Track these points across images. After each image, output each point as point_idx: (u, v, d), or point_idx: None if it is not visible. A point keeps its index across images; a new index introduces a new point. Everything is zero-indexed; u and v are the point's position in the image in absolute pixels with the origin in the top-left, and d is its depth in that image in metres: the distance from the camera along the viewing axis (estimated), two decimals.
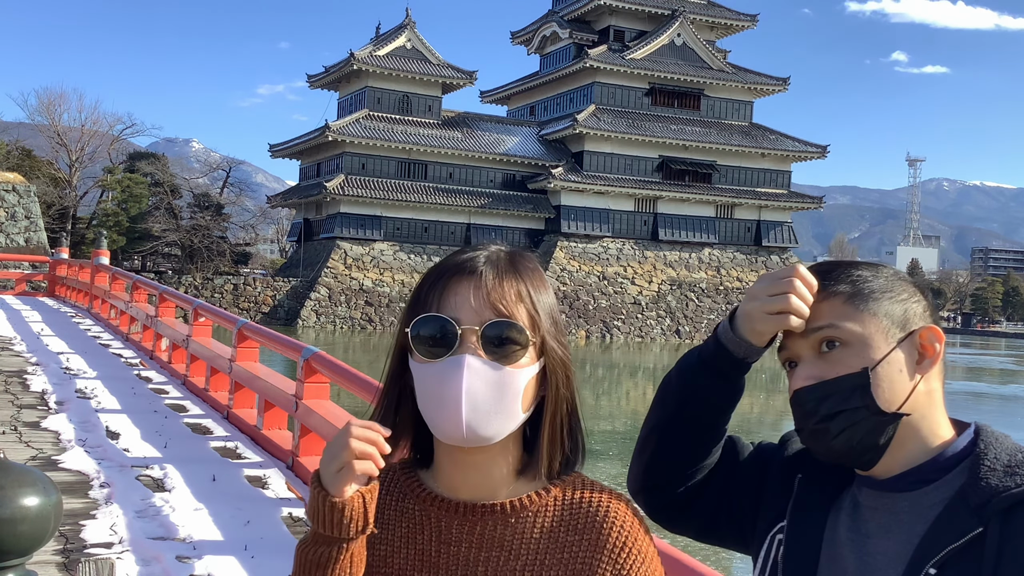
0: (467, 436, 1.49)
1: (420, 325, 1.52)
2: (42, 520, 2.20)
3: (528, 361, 1.52)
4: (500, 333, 1.49)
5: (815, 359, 1.60)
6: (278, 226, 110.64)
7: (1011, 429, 1.63)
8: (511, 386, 1.50)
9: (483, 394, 1.48)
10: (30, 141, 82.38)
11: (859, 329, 1.58)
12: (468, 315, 1.50)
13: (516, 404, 1.50)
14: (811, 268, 1.69)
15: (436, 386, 1.49)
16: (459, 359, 1.48)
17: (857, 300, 1.60)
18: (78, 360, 14.94)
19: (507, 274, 1.55)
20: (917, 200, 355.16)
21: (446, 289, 1.53)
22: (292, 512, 7.44)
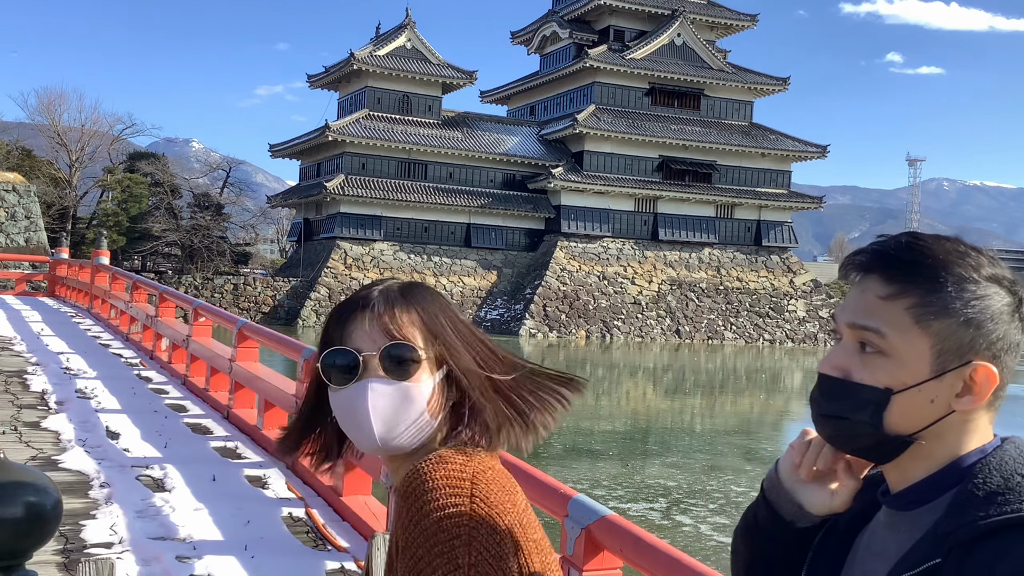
0: (384, 448, 1.71)
1: (328, 358, 1.73)
2: (42, 520, 2.20)
3: (428, 372, 1.72)
4: (396, 354, 1.70)
5: (850, 349, 1.47)
6: (278, 226, 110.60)
7: (1011, 429, 1.61)
8: (415, 399, 1.70)
9: (389, 410, 1.69)
10: (30, 141, 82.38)
11: (906, 347, 1.42)
12: (367, 343, 1.70)
13: (422, 413, 1.71)
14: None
15: (348, 410, 1.71)
16: (364, 384, 1.69)
17: (922, 312, 1.41)
18: (78, 360, 14.93)
19: (398, 303, 1.74)
20: (917, 200, 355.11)
21: (347, 323, 1.73)
22: (292, 512, 7.44)
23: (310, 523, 7.23)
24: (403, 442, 1.72)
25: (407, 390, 1.70)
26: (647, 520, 18.56)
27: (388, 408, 1.69)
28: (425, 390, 1.71)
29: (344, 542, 6.80)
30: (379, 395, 1.69)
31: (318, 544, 6.77)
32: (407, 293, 1.77)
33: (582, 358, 59.87)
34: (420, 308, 1.75)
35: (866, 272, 1.48)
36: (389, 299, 1.74)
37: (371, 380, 1.69)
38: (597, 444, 27.20)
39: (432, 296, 1.79)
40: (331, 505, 7.67)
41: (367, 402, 1.68)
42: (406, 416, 1.70)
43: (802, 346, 78.25)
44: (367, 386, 1.69)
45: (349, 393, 1.70)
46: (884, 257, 1.46)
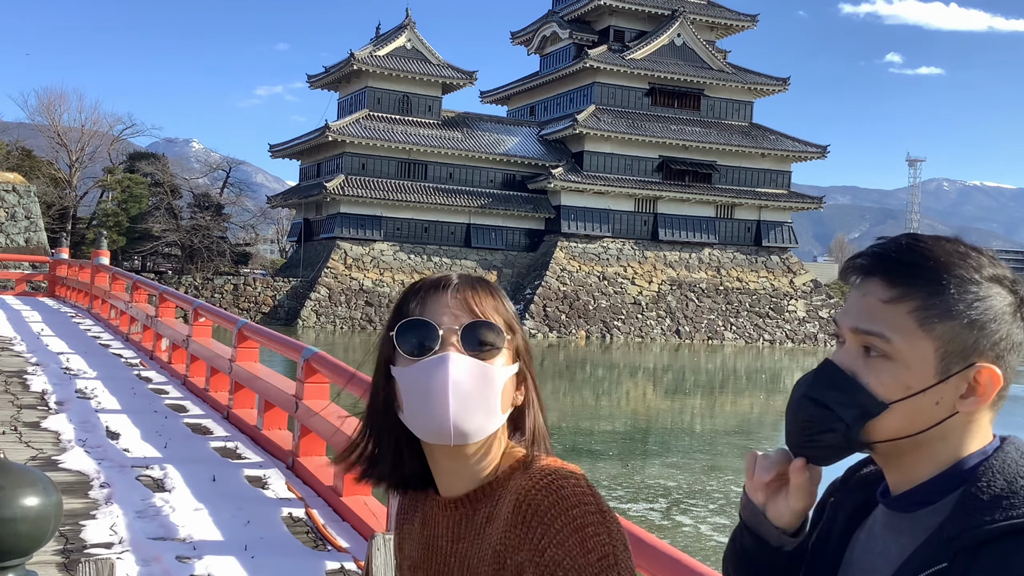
0: (454, 430, 1.58)
1: (404, 329, 1.62)
2: (42, 520, 2.20)
3: (505, 362, 1.64)
4: (479, 332, 1.61)
5: (854, 353, 1.47)
6: (278, 226, 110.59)
7: (1011, 429, 1.61)
8: (493, 381, 1.60)
9: (468, 386, 1.58)
10: (30, 141, 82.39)
11: (911, 351, 1.41)
12: (448, 318, 1.61)
13: (497, 400, 1.61)
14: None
15: (422, 383, 1.59)
16: (443, 356, 1.58)
17: (926, 316, 1.41)
18: (78, 360, 14.93)
19: (482, 287, 1.68)
20: (917, 200, 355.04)
21: (425, 299, 1.65)
22: (292, 512, 7.44)
23: (310, 523, 7.23)
24: (473, 428, 1.59)
25: (486, 371, 1.60)
26: (647, 520, 18.57)
27: (467, 385, 1.57)
28: (503, 377, 1.62)
29: (344, 542, 6.80)
30: (460, 368, 1.58)
31: (318, 544, 6.77)
32: (488, 283, 1.70)
33: (582, 358, 59.87)
34: (502, 299, 1.69)
35: (867, 275, 1.47)
36: (471, 281, 1.68)
37: (451, 353, 1.58)
38: (597, 444, 27.20)
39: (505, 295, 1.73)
40: (331, 505, 7.67)
41: (447, 374, 1.57)
42: (483, 399, 1.59)
43: (802, 346, 78.25)
44: (448, 357, 1.58)
45: (424, 365, 1.59)
46: (885, 260, 1.45)
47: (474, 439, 1.61)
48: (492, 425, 1.61)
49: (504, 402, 1.63)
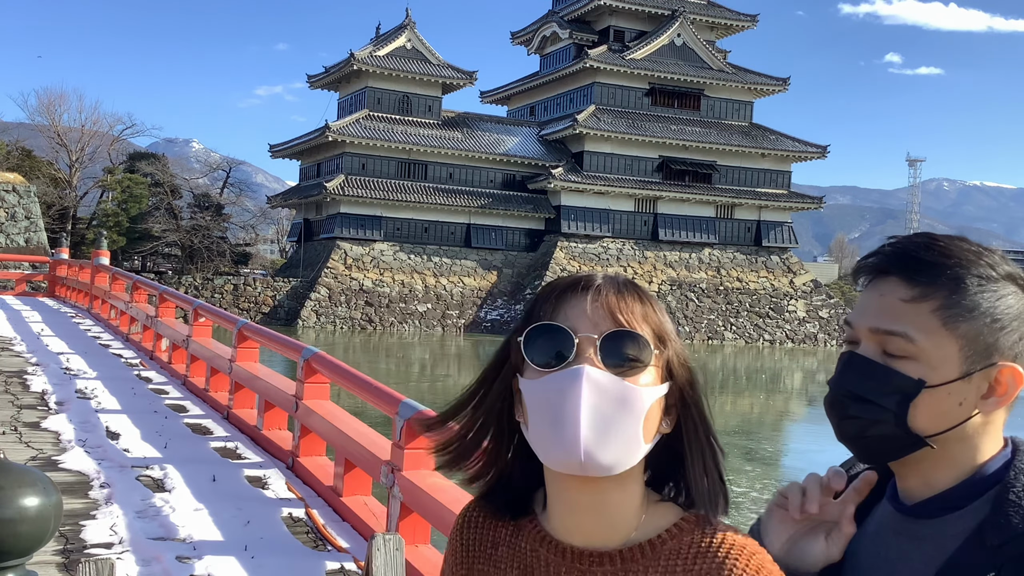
0: (584, 460, 1.33)
1: (534, 335, 1.39)
2: (42, 520, 2.20)
3: (652, 381, 1.38)
4: (621, 344, 1.36)
5: (872, 354, 1.47)
6: (278, 226, 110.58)
7: (1012, 429, 1.61)
8: (635, 404, 1.35)
9: (603, 410, 1.33)
10: (30, 141, 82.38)
11: (934, 350, 1.42)
12: (586, 325, 1.37)
13: (638, 427, 1.35)
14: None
15: (550, 399, 1.35)
16: (577, 370, 1.34)
17: (949, 314, 1.41)
18: (78, 360, 14.93)
19: (629, 291, 1.42)
20: (917, 200, 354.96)
21: (561, 302, 1.41)
22: (292, 512, 7.44)
23: (310, 523, 7.22)
24: (608, 458, 1.34)
25: (627, 391, 1.34)
26: None
27: (602, 406, 1.33)
28: (647, 399, 1.36)
29: (344, 542, 6.79)
30: (596, 386, 1.33)
31: (318, 544, 6.77)
32: (637, 286, 1.45)
33: None
34: (652, 305, 1.42)
35: (882, 274, 1.47)
36: (618, 284, 1.42)
37: (585, 366, 1.34)
38: None
39: (659, 302, 1.46)
40: (331, 505, 7.67)
41: (580, 391, 1.33)
42: (620, 423, 1.34)
43: (802, 346, 78.25)
44: (582, 371, 1.34)
45: (554, 379, 1.35)
46: (904, 259, 1.45)
47: (610, 472, 1.35)
48: (632, 457, 1.36)
49: (648, 430, 1.37)
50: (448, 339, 68.90)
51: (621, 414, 1.34)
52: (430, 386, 39.61)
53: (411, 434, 6.37)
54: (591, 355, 1.35)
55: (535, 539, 1.46)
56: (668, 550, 1.40)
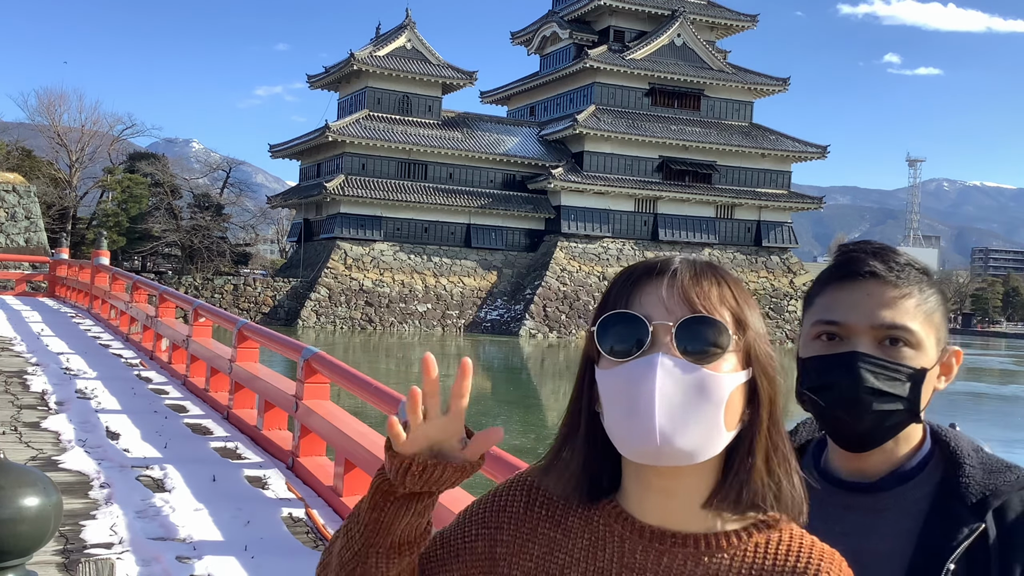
0: (661, 448, 1.30)
1: (606, 324, 1.36)
2: (42, 520, 2.20)
3: (732, 367, 1.34)
4: (698, 331, 1.32)
5: (874, 347, 1.63)
6: (278, 226, 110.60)
7: (1011, 429, 1.65)
8: (713, 392, 1.31)
9: (679, 399, 1.30)
10: (30, 141, 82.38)
11: (926, 338, 1.64)
12: (660, 312, 1.33)
13: (719, 415, 1.32)
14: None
15: (624, 391, 1.33)
16: (651, 358, 1.31)
17: (926, 308, 1.65)
18: (78, 360, 14.93)
19: (705, 274, 1.37)
20: (917, 200, 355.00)
21: (635, 288, 1.37)
22: (292, 512, 7.44)
23: (310, 523, 7.23)
24: (687, 447, 1.31)
25: (705, 379, 1.31)
26: None
27: (680, 396, 1.30)
28: (727, 386, 1.32)
29: None
30: (670, 374, 1.30)
31: (318, 544, 6.77)
32: (717, 268, 1.39)
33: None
34: (732, 287, 1.37)
35: (861, 277, 1.65)
36: (696, 267, 1.37)
37: (660, 355, 1.31)
38: None
39: (742, 283, 1.41)
40: (331, 505, 7.67)
41: (654, 380, 1.30)
42: (698, 412, 1.31)
43: None
44: (656, 360, 1.31)
45: (630, 368, 1.32)
46: (883, 261, 1.65)
47: (690, 461, 1.33)
48: (714, 446, 1.33)
49: (730, 418, 1.33)
50: (448, 339, 68.90)
51: (700, 402, 1.31)
52: None
53: None
54: (668, 343, 1.32)
55: (610, 514, 1.43)
56: (754, 544, 1.38)
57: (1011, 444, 26.00)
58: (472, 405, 1.48)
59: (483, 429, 1.40)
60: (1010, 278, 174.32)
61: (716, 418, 1.32)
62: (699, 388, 1.31)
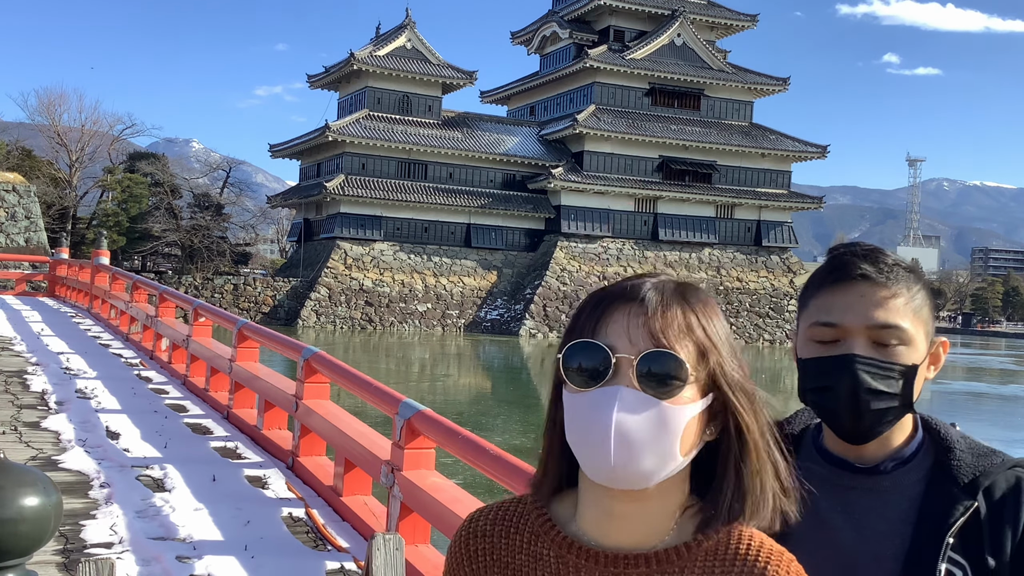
0: (615, 472, 1.36)
1: (572, 352, 1.40)
2: (42, 520, 2.20)
3: (691, 397, 1.38)
4: (658, 365, 1.36)
5: (869, 346, 1.73)
6: (278, 226, 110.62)
7: (1011, 429, 1.67)
8: (669, 424, 1.36)
9: (636, 430, 1.35)
10: (30, 141, 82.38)
11: (917, 335, 1.75)
12: (624, 343, 1.38)
13: (674, 445, 1.37)
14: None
15: (585, 418, 1.37)
16: (612, 390, 1.36)
17: (914, 305, 1.75)
18: (78, 360, 14.93)
19: (673, 303, 1.40)
20: (917, 200, 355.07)
21: (604, 315, 1.41)
22: (292, 512, 7.44)
23: (310, 523, 7.23)
24: (641, 475, 1.36)
25: (663, 412, 1.35)
26: None
27: (636, 428, 1.35)
28: (684, 418, 1.37)
29: (344, 542, 6.80)
30: (629, 408, 1.35)
31: (318, 544, 6.77)
32: (685, 293, 1.42)
33: None
34: (699, 314, 1.40)
35: (852, 279, 1.75)
36: (663, 295, 1.40)
37: (620, 387, 1.36)
38: None
39: (711, 303, 1.45)
40: (331, 505, 7.67)
41: (612, 413, 1.34)
42: (655, 444, 1.35)
43: None
44: (617, 393, 1.35)
45: (592, 398, 1.37)
46: (873, 263, 1.75)
47: (644, 485, 1.38)
48: (666, 470, 1.38)
49: (685, 444, 1.38)
50: (448, 339, 68.91)
51: (656, 433, 1.36)
52: (430, 386, 39.61)
53: (411, 434, 6.37)
54: (629, 375, 1.36)
55: (560, 545, 1.45)
56: (704, 551, 1.41)
57: (1011, 444, 26.01)
58: (472, 405, 1.50)
59: (484, 430, 1.43)
60: (1010, 278, 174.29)
61: (671, 447, 1.37)
62: (656, 420, 1.36)
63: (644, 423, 1.35)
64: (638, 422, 1.35)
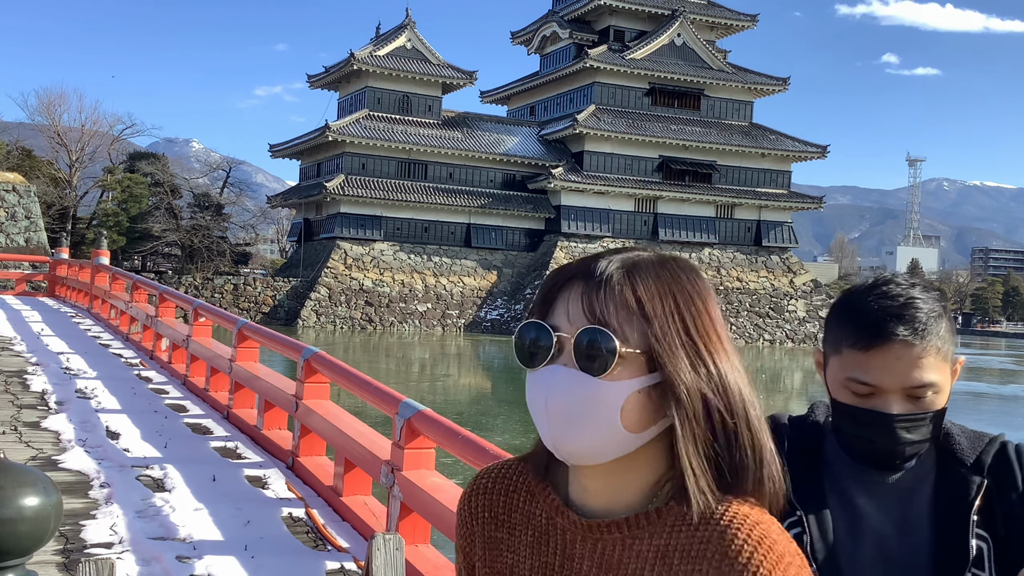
0: (560, 453, 1.40)
1: (522, 332, 1.43)
2: (42, 520, 2.20)
3: (632, 374, 1.36)
4: (589, 343, 1.36)
5: (904, 401, 1.84)
6: (278, 226, 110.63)
7: (1011, 429, 1.68)
8: (603, 400, 1.36)
9: (567, 409, 1.37)
10: (30, 141, 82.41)
11: (945, 377, 1.86)
12: (565, 323, 1.39)
13: (613, 420, 1.36)
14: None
15: (531, 398, 1.41)
16: (551, 369, 1.38)
17: (944, 352, 1.85)
18: (78, 360, 14.93)
19: (617, 278, 1.39)
20: (917, 200, 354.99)
21: (557, 293, 1.43)
22: (292, 512, 7.44)
23: (310, 523, 7.23)
24: (579, 450, 1.38)
25: (596, 389, 1.36)
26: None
27: (566, 404, 1.37)
28: (620, 394, 1.36)
29: (344, 542, 6.80)
30: (559, 385, 1.37)
31: (318, 544, 6.77)
32: (639, 268, 1.40)
33: None
34: (648, 289, 1.38)
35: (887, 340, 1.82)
36: (611, 271, 1.39)
37: (558, 366, 1.38)
38: None
39: (674, 278, 1.41)
40: (331, 505, 7.67)
41: (547, 391, 1.38)
42: (590, 420, 1.36)
43: (802, 346, 78.24)
44: (552, 371, 1.38)
45: (534, 378, 1.40)
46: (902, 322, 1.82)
47: (591, 462, 1.41)
48: (616, 447, 1.38)
49: (630, 420, 1.37)
50: (448, 339, 68.91)
51: (591, 410, 1.36)
52: (430, 386, 39.60)
53: (411, 434, 6.37)
54: (569, 353, 1.38)
55: (550, 507, 1.49)
56: (674, 516, 1.40)
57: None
58: (472, 405, 1.51)
59: (484, 430, 1.44)
60: (1010, 278, 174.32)
61: (610, 424, 1.36)
62: (589, 398, 1.36)
63: (575, 401, 1.36)
64: (569, 400, 1.36)
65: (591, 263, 1.42)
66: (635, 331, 1.37)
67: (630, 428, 1.37)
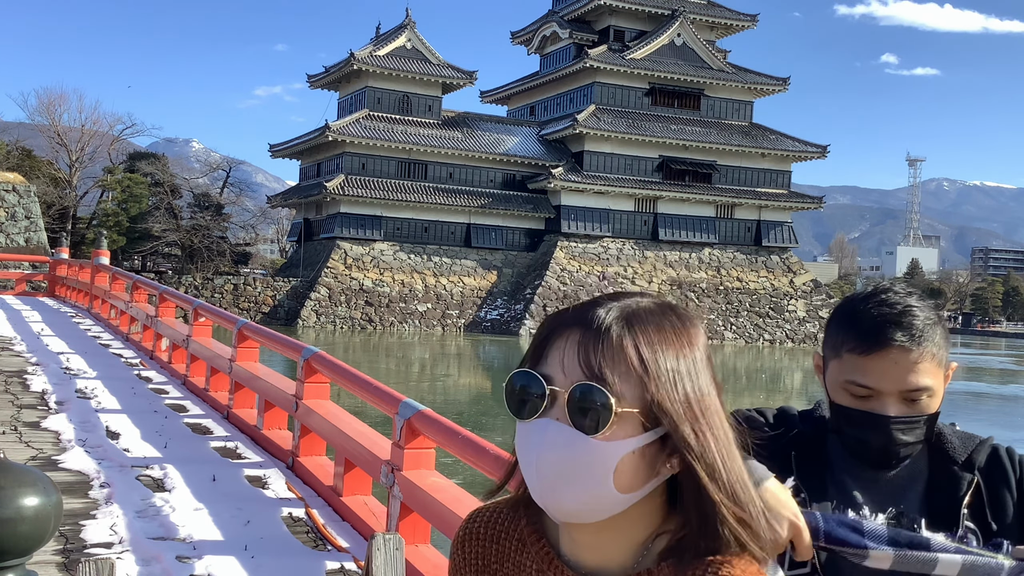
0: (549, 511, 1.35)
1: (515, 380, 1.37)
2: (42, 520, 2.20)
3: (628, 433, 1.30)
4: (585, 399, 1.30)
5: (900, 404, 1.93)
6: (278, 226, 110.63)
7: (1011, 429, 1.68)
8: (597, 461, 1.29)
9: (558, 467, 1.31)
10: (30, 141, 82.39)
11: (939, 385, 1.96)
12: (559, 375, 1.33)
13: (606, 481, 1.30)
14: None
15: (521, 450, 1.36)
16: (542, 423, 1.32)
17: (939, 357, 1.95)
18: (78, 360, 14.93)
19: (616, 330, 1.32)
20: (917, 200, 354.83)
21: (550, 342, 1.36)
22: (292, 512, 7.44)
23: (310, 523, 7.23)
24: (568, 509, 1.32)
25: (589, 449, 1.29)
26: None
27: (557, 463, 1.31)
28: (614, 454, 1.30)
29: (344, 542, 6.80)
30: (550, 442, 1.31)
31: (318, 544, 6.77)
32: (639, 320, 1.34)
33: None
34: (643, 342, 1.32)
35: (884, 346, 1.90)
36: (609, 322, 1.33)
37: (549, 420, 1.32)
38: None
39: (674, 331, 1.36)
40: (331, 505, 7.67)
41: (538, 447, 1.32)
42: (582, 480, 1.30)
43: (802, 346, 78.23)
44: (543, 426, 1.32)
45: (526, 430, 1.35)
46: (899, 329, 1.90)
47: (579, 520, 1.35)
48: (606, 507, 1.32)
49: (623, 480, 1.31)
50: (448, 339, 68.91)
51: (581, 468, 1.30)
52: (430, 386, 39.60)
53: (411, 434, 6.37)
54: (561, 404, 1.31)
55: (541, 559, 1.44)
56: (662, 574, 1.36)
57: (1011, 444, 25.94)
58: (472, 405, 1.50)
59: (484, 430, 1.41)
60: (1010, 277, 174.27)
61: (602, 484, 1.30)
62: (580, 457, 1.30)
63: (567, 460, 1.30)
64: (560, 459, 1.30)
65: (588, 310, 1.35)
66: (633, 388, 1.30)
67: (622, 489, 1.32)
